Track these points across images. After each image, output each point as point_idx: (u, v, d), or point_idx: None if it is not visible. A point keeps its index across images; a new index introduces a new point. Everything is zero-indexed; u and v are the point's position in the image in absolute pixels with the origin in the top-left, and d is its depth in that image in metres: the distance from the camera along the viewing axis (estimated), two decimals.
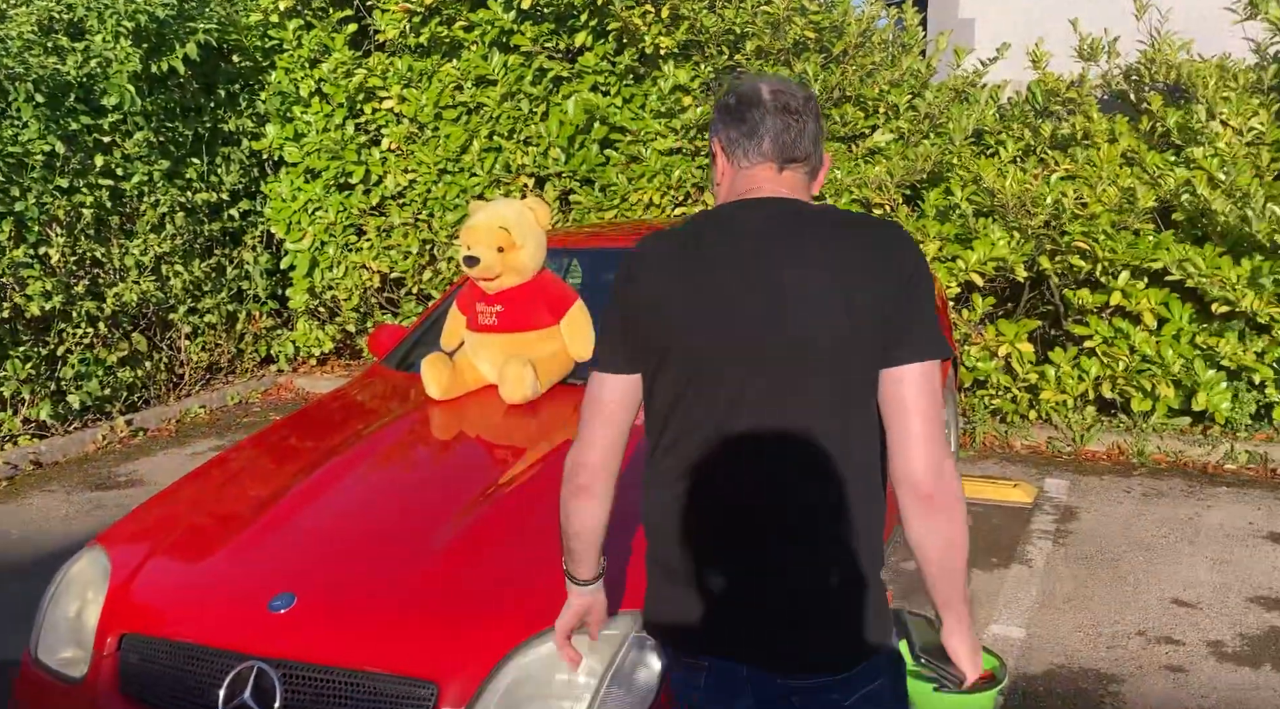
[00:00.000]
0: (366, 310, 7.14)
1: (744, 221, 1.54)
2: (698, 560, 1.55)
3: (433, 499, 2.48)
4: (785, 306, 1.47)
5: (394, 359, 3.56)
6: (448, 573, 2.16)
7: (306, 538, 2.36)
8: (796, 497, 1.50)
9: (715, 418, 1.50)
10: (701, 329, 1.49)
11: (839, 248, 1.49)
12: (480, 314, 3.09)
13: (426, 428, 2.93)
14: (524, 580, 2.12)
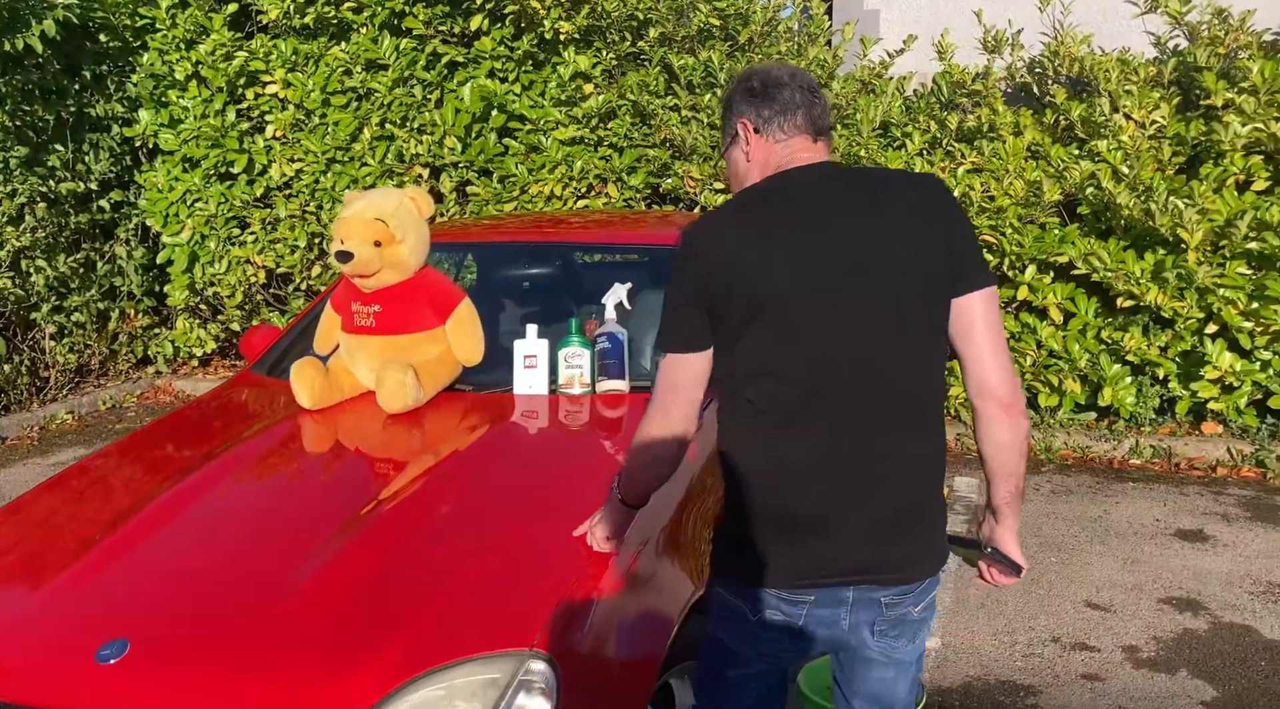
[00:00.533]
0: (252, 308, 6.74)
1: (802, 184, 1.70)
2: (813, 498, 1.68)
3: (298, 523, 2.21)
4: (862, 253, 1.63)
5: (265, 363, 3.25)
6: (309, 611, 1.90)
7: (150, 570, 2.07)
8: (893, 426, 1.68)
9: (813, 363, 1.64)
10: (791, 284, 1.62)
11: (892, 197, 1.68)
12: (356, 315, 2.81)
13: (296, 441, 2.65)
14: (395, 620, 1.87)
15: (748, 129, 1.77)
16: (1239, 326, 4.65)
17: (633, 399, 2.77)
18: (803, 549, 1.69)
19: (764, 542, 1.70)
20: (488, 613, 1.89)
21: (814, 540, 1.68)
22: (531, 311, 3.57)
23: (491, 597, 1.94)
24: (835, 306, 1.63)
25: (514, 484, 2.35)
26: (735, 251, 1.63)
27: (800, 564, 1.69)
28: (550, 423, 2.71)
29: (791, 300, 1.62)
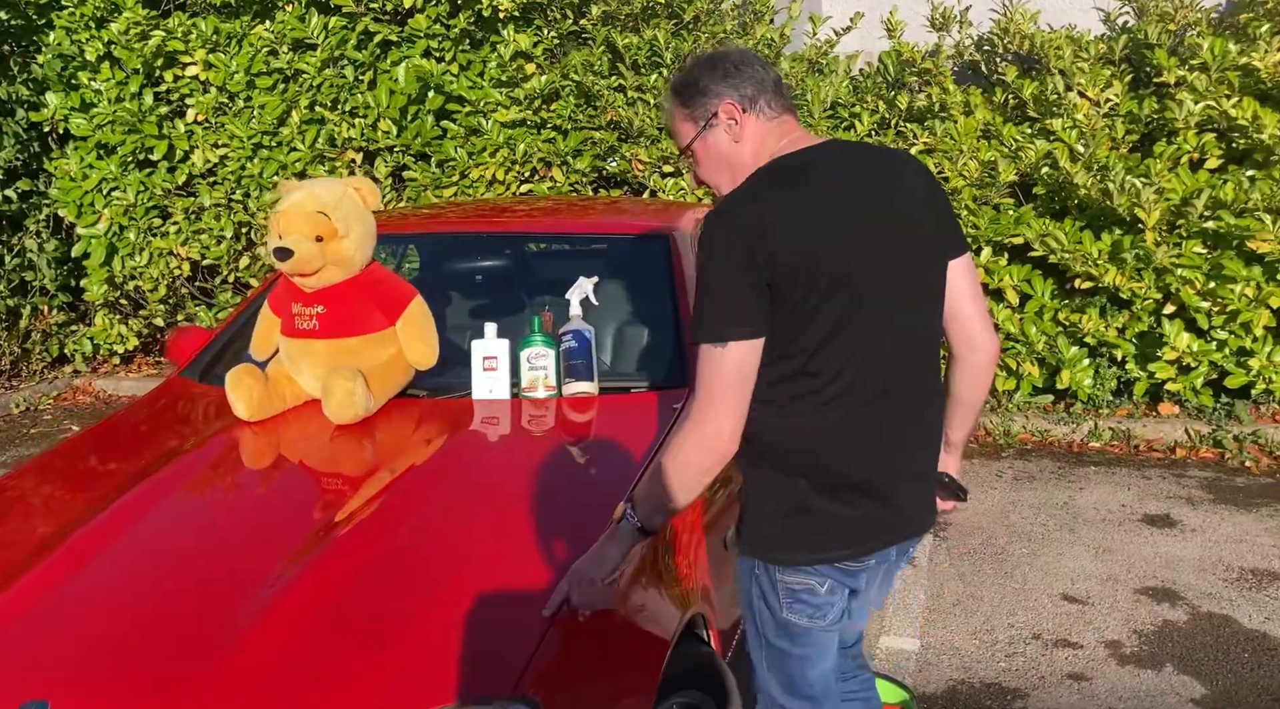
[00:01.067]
0: (177, 302, 6.40)
1: (825, 160, 1.71)
2: (873, 464, 1.73)
3: (240, 557, 1.99)
4: (900, 223, 1.69)
5: (196, 369, 3.00)
6: (256, 662, 1.68)
7: (74, 616, 1.83)
8: (929, 387, 1.81)
9: (873, 331, 1.68)
10: (858, 256, 1.65)
11: (900, 168, 1.75)
12: (297, 317, 2.58)
13: (233, 459, 2.42)
14: (354, 668, 1.67)
15: (735, 109, 1.76)
16: (1196, 307, 4.61)
17: (603, 402, 2.59)
18: (868, 516, 1.74)
19: (831, 514, 1.73)
20: (462, 654, 1.70)
21: (876, 506, 1.74)
22: (484, 308, 3.35)
23: (465, 635, 1.74)
24: (890, 275, 1.69)
25: (480, 503, 2.15)
26: (801, 228, 1.63)
27: (867, 530, 1.75)
28: (514, 431, 2.51)
29: (860, 273, 1.66)
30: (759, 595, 1.81)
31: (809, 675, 1.83)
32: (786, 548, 1.75)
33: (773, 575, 1.77)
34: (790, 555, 1.75)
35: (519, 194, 5.68)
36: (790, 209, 1.64)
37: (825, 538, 1.73)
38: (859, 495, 1.73)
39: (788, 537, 1.74)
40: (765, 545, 1.77)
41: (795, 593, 1.76)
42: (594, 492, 2.18)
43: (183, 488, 2.27)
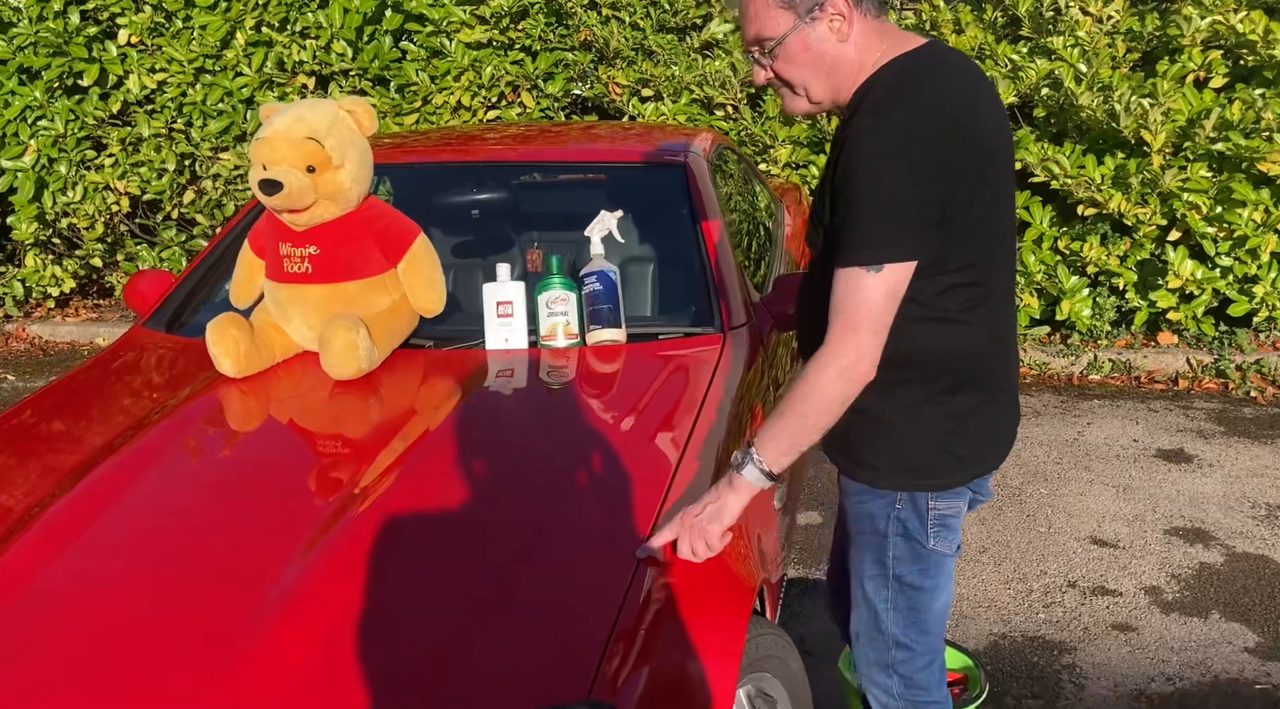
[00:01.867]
0: (115, 241, 5.97)
1: (949, 60, 1.59)
2: (1012, 371, 1.75)
3: (242, 542, 1.72)
4: (1007, 127, 1.64)
5: (161, 318, 2.67)
6: (273, 676, 1.43)
7: (39, 623, 1.55)
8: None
9: (1009, 233, 1.66)
10: (999, 159, 1.58)
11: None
12: (287, 259, 2.27)
13: (221, 423, 2.12)
14: (395, 675, 1.42)
15: (846, 4, 1.56)
16: (1202, 233, 4.46)
17: (630, 351, 2.33)
18: (1013, 418, 1.77)
19: (991, 423, 1.71)
20: (522, 656, 1.46)
21: (1015, 407, 1.77)
22: (482, 247, 3.06)
23: (519, 629, 1.51)
24: (1012, 179, 1.66)
25: (511, 470, 1.89)
26: (975, 125, 1.53)
27: (1010, 434, 1.77)
28: (535, 385, 2.25)
29: (1004, 176, 1.61)
30: (899, 531, 1.71)
31: (934, 608, 1.78)
32: (945, 469, 1.68)
33: (922, 505, 1.69)
34: (949, 477, 1.69)
35: (485, 121, 5.33)
36: (962, 107, 1.53)
37: (984, 448, 1.71)
38: (1010, 398, 1.74)
39: (947, 457, 1.68)
40: (919, 472, 1.68)
41: (944, 518, 1.70)
42: (638, 451, 1.94)
43: (165, 460, 1.97)
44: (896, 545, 1.72)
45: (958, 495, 1.71)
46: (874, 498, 1.72)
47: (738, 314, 2.45)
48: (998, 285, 1.66)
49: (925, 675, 1.82)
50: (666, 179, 2.84)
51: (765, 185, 3.85)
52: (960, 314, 1.62)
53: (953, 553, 1.75)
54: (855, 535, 1.80)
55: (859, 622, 1.84)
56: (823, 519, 3.44)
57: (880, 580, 1.77)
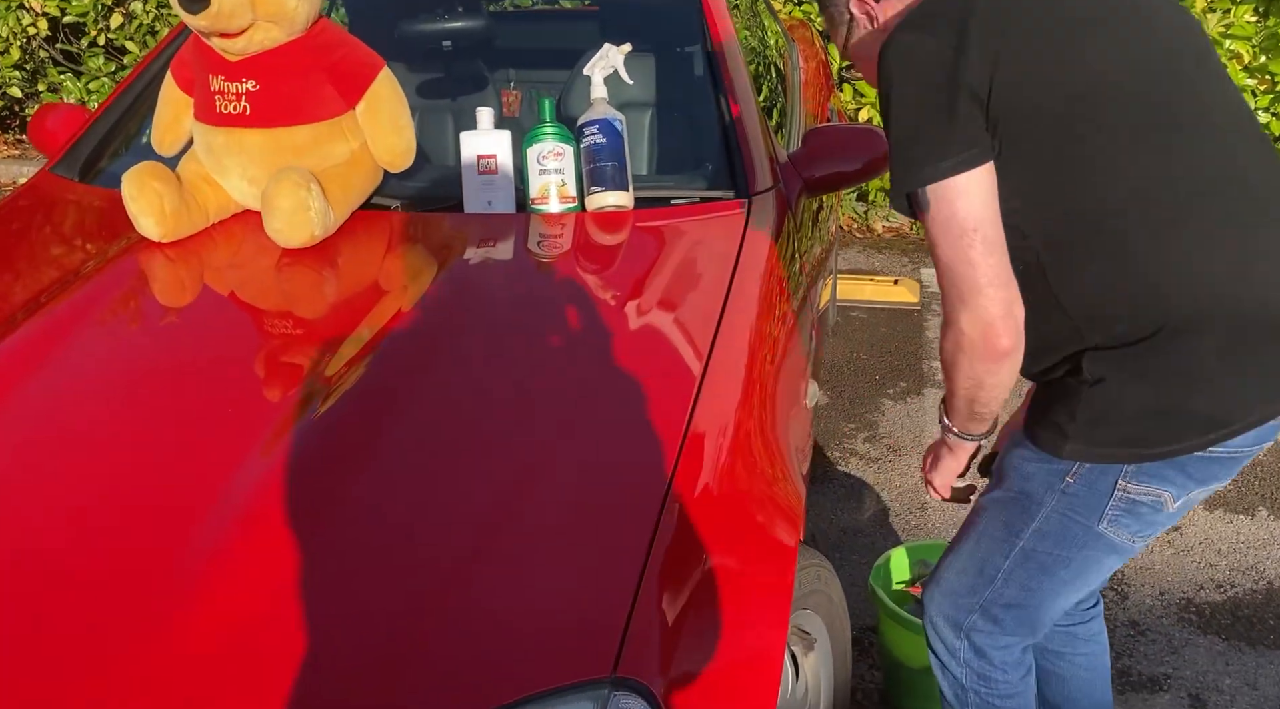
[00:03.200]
0: (35, 68, 5.35)
1: None
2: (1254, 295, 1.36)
3: (174, 451, 1.37)
4: None
5: (73, 163, 2.24)
6: (218, 634, 1.11)
7: None
8: None
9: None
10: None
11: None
12: (219, 96, 1.84)
13: (142, 300, 1.73)
14: (384, 647, 1.11)
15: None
16: (1242, 85, 4.07)
17: (638, 218, 1.95)
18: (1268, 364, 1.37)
19: (1230, 377, 1.29)
20: (537, 625, 1.15)
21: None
22: (451, 86, 2.62)
23: (526, 586, 1.19)
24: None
25: (502, 368, 1.54)
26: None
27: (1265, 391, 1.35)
28: (525, 259, 1.87)
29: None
30: (1060, 507, 1.40)
31: (1060, 591, 1.47)
32: (1160, 438, 1.31)
33: (1104, 484, 1.36)
34: (1162, 446, 1.31)
35: None
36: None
37: (1219, 408, 1.29)
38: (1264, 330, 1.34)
39: (1165, 420, 1.32)
40: (1119, 441, 1.33)
41: (1134, 505, 1.36)
42: (655, 348, 1.59)
43: (74, 345, 1.60)
44: (1048, 521, 1.40)
45: (1165, 480, 1.33)
46: (1043, 462, 1.39)
47: (763, 176, 2.07)
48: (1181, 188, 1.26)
49: (1003, 654, 1.53)
50: (677, 10, 2.41)
51: (779, 21, 3.39)
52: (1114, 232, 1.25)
53: (1128, 547, 1.41)
54: (994, 488, 1.49)
55: (959, 557, 1.54)
56: (829, 400, 3.15)
57: (1004, 545, 1.47)
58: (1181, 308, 1.25)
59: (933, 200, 1.26)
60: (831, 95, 3.63)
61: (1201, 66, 1.32)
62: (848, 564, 2.42)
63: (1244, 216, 1.27)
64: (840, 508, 2.62)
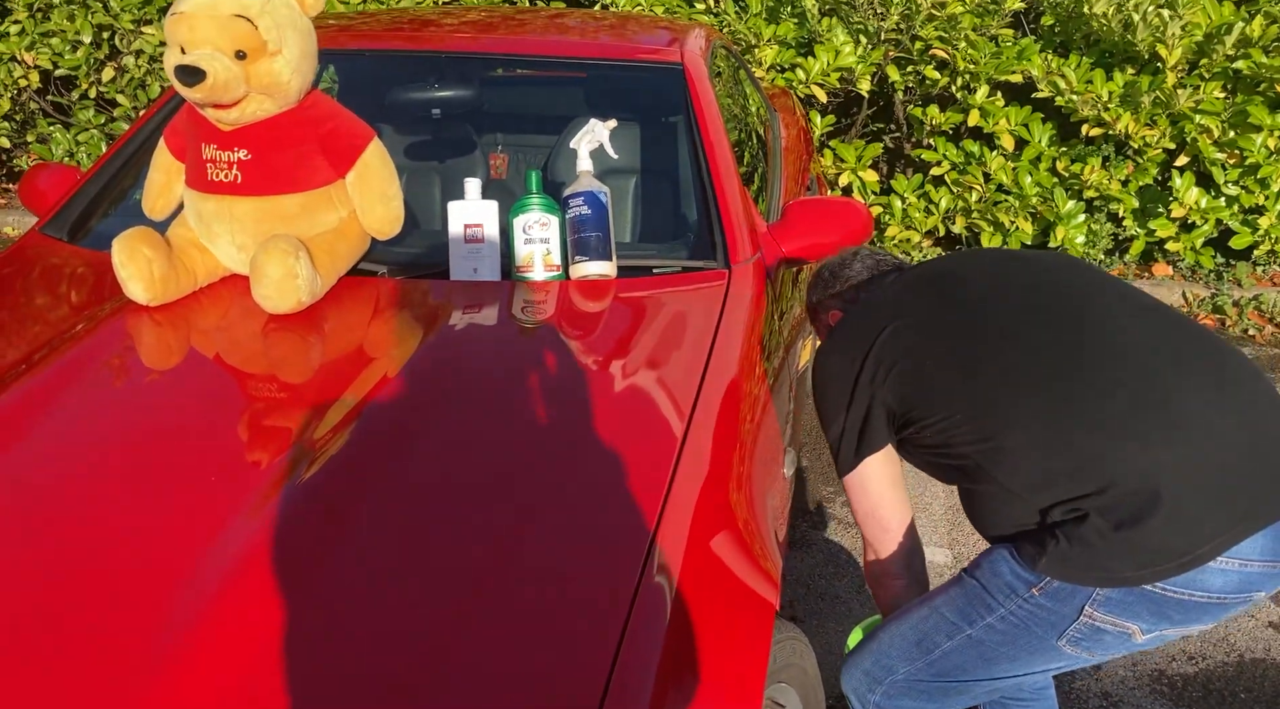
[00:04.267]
0: (25, 119, 5.40)
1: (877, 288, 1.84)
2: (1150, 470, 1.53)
3: (154, 523, 1.38)
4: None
5: (63, 224, 2.26)
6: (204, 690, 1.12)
7: None
8: None
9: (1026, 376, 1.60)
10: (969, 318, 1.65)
11: None
12: (211, 164, 1.88)
13: (129, 363, 1.75)
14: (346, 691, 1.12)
15: (840, 315, 1.89)
16: (1212, 158, 4.18)
17: (621, 287, 1.99)
18: (1197, 511, 1.50)
19: (1154, 536, 1.44)
20: (518, 691, 1.16)
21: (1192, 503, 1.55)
22: (438, 153, 2.67)
23: (516, 662, 1.20)
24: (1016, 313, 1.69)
25: (485, 434, 1.56)
26: (917, 309, 1.73)
27: (1202, 528, 1.48)
28: (509, 326, 1.90)
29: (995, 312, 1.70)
30: (1021, 610, 1.47)
31: (997, 678, 1.52)
32: (1123, 567, 1.44)
33: (1074, 604, 1.44)
34: (1130, 573, 1.42)
35: (442, 3, 4.82)
36: (883, 316, 1.74)
37: (1158, 557, 1.44)
38: (1182, 491, 1.49)
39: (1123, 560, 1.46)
40: (1090, 566, 1.45)
41: (1098, 631, 1.44)
42: (638, 416, 1.62)
43: (63, 403, 1.61)
44: (1004, 620, 1.45)
45: (1135, 615, 1.39)
46: (1015, 566, 1.46)
47: (744, 247, 2.12)
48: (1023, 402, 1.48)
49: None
50: (661, 82, 2.46)
51: (760, 90, 3.47)
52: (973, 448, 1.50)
53: (1079, 659, 1.48)
54: (967, 572, 1.55)
55: (903, 624, 1.58)
56: (808, 463, 3.18)
57: (952, 627, 1.52)
58: (1128, 482, 1.37)
59: (848, 483, 1.70)
60: (813, 160, 3.70)
61: (1082, 287, 1.57)
62: (824, 631, 2.43)
63: (1154, 395, 1.41)
64: (818, 574, 2.64)
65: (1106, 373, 1.44)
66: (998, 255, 1.69)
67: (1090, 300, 1.54)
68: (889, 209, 4.66)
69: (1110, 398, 1.41)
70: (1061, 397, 1.44)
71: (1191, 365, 1.44)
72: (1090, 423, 1.41)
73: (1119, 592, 1.38)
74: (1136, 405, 1.40)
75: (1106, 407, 1.41)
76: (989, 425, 1.47)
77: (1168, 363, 1.44)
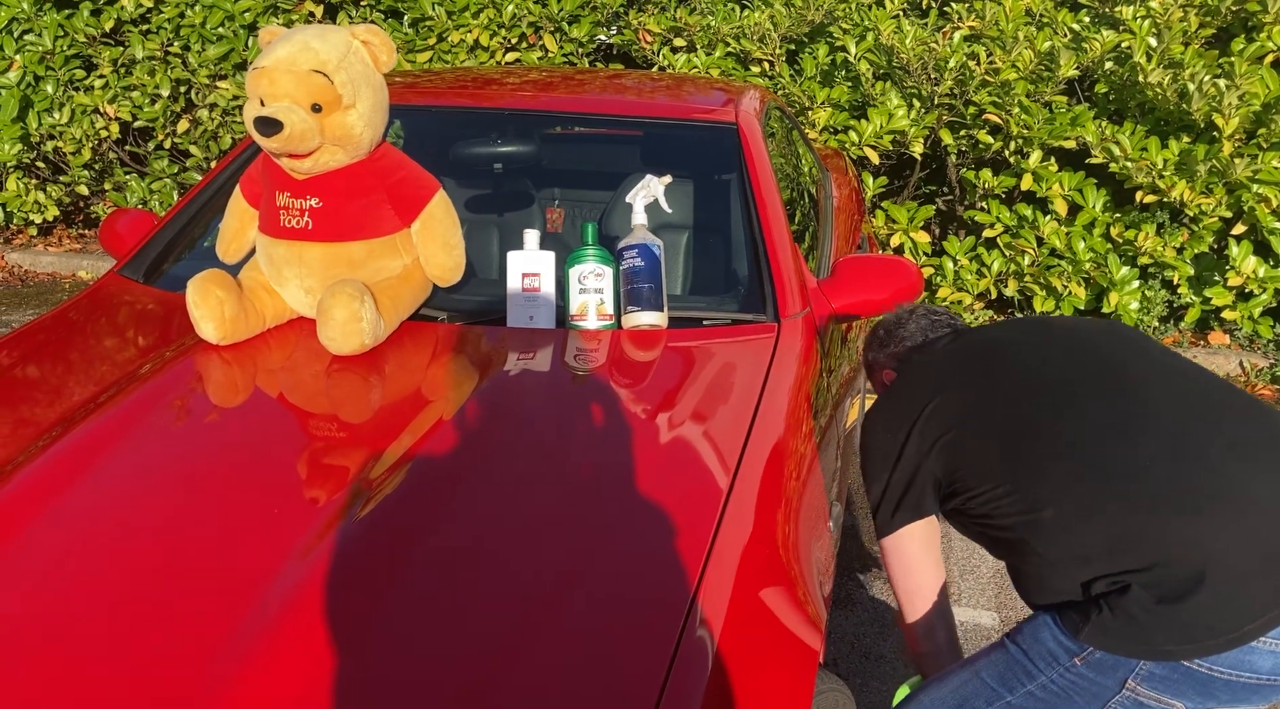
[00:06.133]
0: (104, 168, 5.62)
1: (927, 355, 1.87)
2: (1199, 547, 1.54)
3: (220, 553, 1.43)
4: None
5: (139, 266, 2.37)
6: None
7: None
8: None
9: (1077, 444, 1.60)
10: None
11: None
12: (284, 211, 1.96)
13: (198, 399, 1.83)
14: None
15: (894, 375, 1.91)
16: (1271, 228, 4.15)
17: (672, 338, 2.04)
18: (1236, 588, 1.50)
19: (1201, 610, 1.44)
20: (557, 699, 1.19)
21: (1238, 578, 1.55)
22: (499, 205, 2.75)
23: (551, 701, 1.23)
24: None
25: (536, 481, 1.59)
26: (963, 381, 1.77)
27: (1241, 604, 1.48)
28: (562, 373, 1.95)
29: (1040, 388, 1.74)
30: (1063, 681, 1.48)
31: None
32: (1167, 640, 1.44)
33: (1117, 676, 1.44)
34: (1172, 646, 1.43)
35: (503, 63, 4.98)
36: (926, 389, 1.80)
37: (1200, 632, 1.45)
38: (1224, 568, 1.50)
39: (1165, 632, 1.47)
40: (1137, 639, 1.46)
41: (1141, 705, 1.44)
42: (684, 467, 1.65)
43: (132, 441, 1.68)
44: (1045, 689, 1.45)
45: (1179, 693, 1.39)
46: (1058, 635, 1.47)
47: (794, 301, 2.15)
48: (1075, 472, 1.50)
49: None
50: (716, 140, 2.53)
51: (813, 151, 3.53)
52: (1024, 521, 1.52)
53: None
54: (1010, 636, 1.56)
55: (944, 686, 1.57)
56: (855, 521, 3.17)
57: (992, 693, 1.53)
58: (1171, 557, 1.38)
59: (884, 546, 1.76)
60: (864, 221, 3.74)
61: (1128, 359, 1.59)
62: (868, 690, 2.41)
63: (1199, 468, 1.42)
64: (862, 632, 2.63)
65: (1150, 446, 1.44)
66: (1046, 326, 1.72)
67: (1135, 373, 1.56)
68: (941, 271, 4.68)
69: (1152, 472, 1.42)
70: (1102, 471, 1.45)
71: (1238, 435, 1.44)
72: (1132, 497, 1.41)
73: (1163, 668, 1.37)
74: (1180, 479, 1.40)
75: (1149, 481, 1.41)
76: (1030, 498, 1.49)
77: (1213, 434, 1.44)
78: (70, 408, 1.77)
